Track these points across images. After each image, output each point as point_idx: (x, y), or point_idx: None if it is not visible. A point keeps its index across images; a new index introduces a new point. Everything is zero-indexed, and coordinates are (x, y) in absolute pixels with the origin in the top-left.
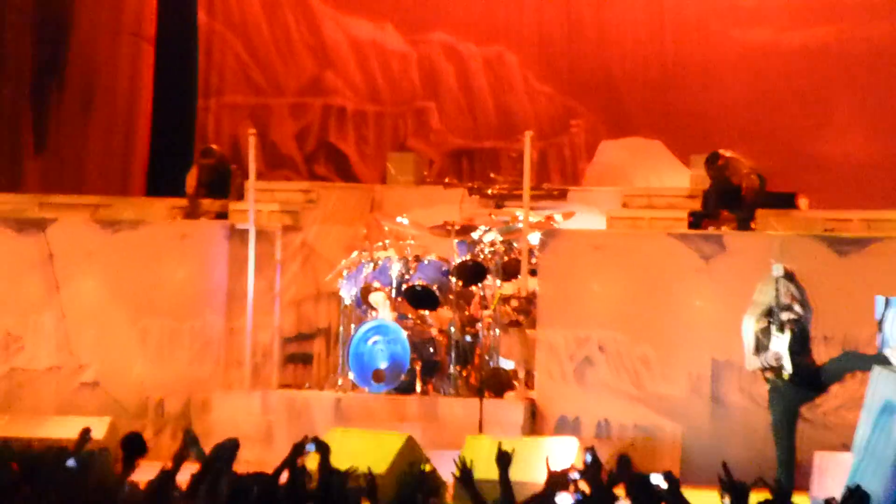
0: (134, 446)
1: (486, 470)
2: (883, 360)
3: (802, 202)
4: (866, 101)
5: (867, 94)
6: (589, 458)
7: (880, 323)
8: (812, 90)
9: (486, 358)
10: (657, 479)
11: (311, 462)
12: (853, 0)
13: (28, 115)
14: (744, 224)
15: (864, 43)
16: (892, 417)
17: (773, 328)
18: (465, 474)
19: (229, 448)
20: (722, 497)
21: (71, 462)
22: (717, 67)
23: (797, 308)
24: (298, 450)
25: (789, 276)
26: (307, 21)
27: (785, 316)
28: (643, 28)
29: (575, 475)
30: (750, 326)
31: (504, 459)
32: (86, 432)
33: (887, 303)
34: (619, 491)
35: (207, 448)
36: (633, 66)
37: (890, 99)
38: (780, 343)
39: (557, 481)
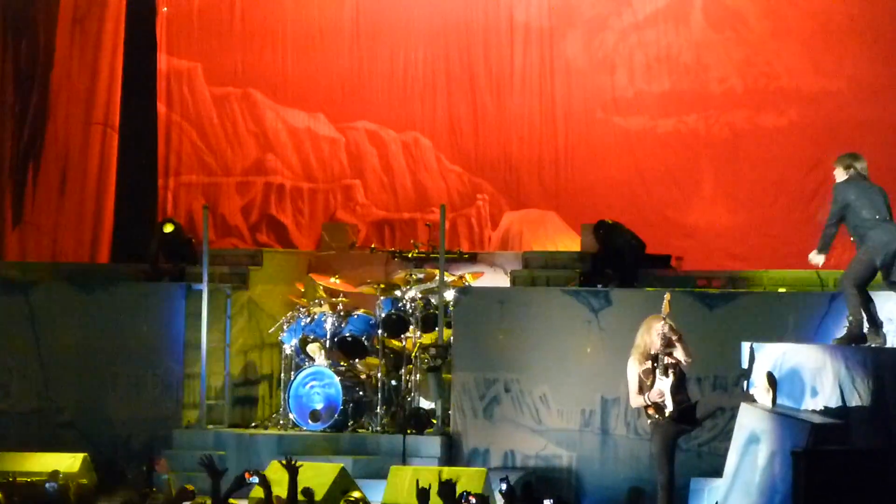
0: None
1: (408, 497)
2: (749, 398)
3: (676, 263)
4: (728, 176)
5: (728, 171)
6: (504, 486)
7: (748, 367)
8: (682, 168)
9: (409, 399)
10: None
11: (256, 493)
12: (717, 91)
13: (9, 192)
14: (626, 282)
15: (726, 127)
16: (756, 447)
17: (658, 371)
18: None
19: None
20: None
21: (50, 485)
22: (601, 149)
23: (678, 357)
24: (240, 482)
25: (679, 336)
26: (251, 112)
27: (667, 361)
28: (538, 116)
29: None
30: (634, 369)
31: (448, 487)
32: (55, 472)
33: (752, 349)
34: None
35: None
36: (529, 149)
37: (747, 174)
38: (664, 384)
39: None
